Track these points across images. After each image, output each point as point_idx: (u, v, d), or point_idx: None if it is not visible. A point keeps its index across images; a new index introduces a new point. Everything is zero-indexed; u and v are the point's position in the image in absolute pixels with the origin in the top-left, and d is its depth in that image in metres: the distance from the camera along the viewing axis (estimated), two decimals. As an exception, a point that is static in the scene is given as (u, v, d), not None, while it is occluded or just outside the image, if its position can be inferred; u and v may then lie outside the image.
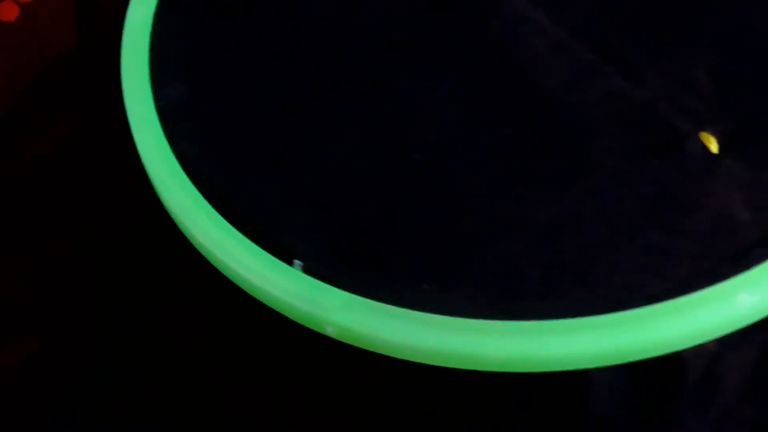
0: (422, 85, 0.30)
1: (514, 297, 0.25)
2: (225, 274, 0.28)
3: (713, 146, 0.27)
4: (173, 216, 0.29)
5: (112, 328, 0.30)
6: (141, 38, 0.33)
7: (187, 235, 0.28)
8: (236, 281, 0.27)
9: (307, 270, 0.26)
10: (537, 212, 0.26)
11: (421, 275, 0.26)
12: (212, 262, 0.28)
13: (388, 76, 0.30)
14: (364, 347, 0.26)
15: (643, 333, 0.24)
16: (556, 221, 0.26)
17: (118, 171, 0.31)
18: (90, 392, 0.30)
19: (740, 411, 0.26)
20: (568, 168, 0.27)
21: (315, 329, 0.26)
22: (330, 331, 0.26)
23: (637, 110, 0.28)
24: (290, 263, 0.27)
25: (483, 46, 0.31)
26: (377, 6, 0.32)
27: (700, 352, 0.26)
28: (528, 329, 0.24)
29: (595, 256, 0.26)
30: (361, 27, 0.32)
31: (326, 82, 0.31)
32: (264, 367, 0.29)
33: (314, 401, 0.28)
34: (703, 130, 0.28)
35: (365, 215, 0.27)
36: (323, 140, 0.29)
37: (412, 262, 0.26)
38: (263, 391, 0.28)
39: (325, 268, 0.26)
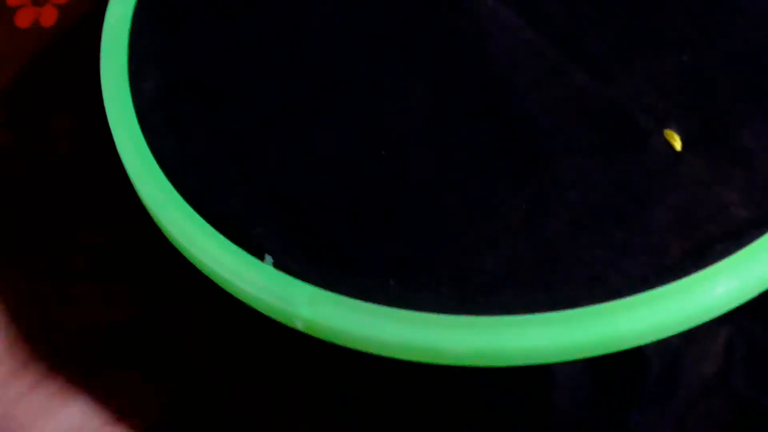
0: (390, 82, 0.30)
1: (477, 291, 0.26)
2: (199, 268, 0.28)
3: (677, 143, 0.28)
4: (148, 210, 0.29)
5: (106, 326, 0.31)
6: (120, 35, 0.33)
7: (162, 229, 0.29)
8: (210, 276, 0.28)
9: (277, 265, 0.27)
10: (500, 208, 0.27)
11: (387, 270, 0.26)
12: (185, 255, 0.28)
13: (359, 72, 0.31)
14: (331, 341, 0.26)
15: (603, 328, 0.25)
16: (519, 216, 0.27)
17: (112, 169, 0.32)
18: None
19: (702, 405, 0.27)
20: (533, 164, 0.28)
21: (286, 324, 0.27)
22: (299, 326, 0.26)
23: (602, 107, 0.28)
24: (261, 258, 0.27)
25: (452, 44, 0.31)
26: (356, 7, 0.33)
27: (662, 346, 0.26)
28: (490, 324, 0.25)
29: (557, 251, 0.26)
30: (337, 24, 0.32)
31: (299, 79, 0.31)
32: (249, 364, 0.29)
33: (295, 398, 0.28)
34: (668, 127, 0.28)
35: (334, 210, 0.28)
36: (295, 136, 0.30)
37: (379, 257, 0.27)
38: (248, 389, 0.29)
39: (294, 263, 0.27)
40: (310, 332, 0.26)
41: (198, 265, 0.28)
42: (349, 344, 0.26)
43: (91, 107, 0.32)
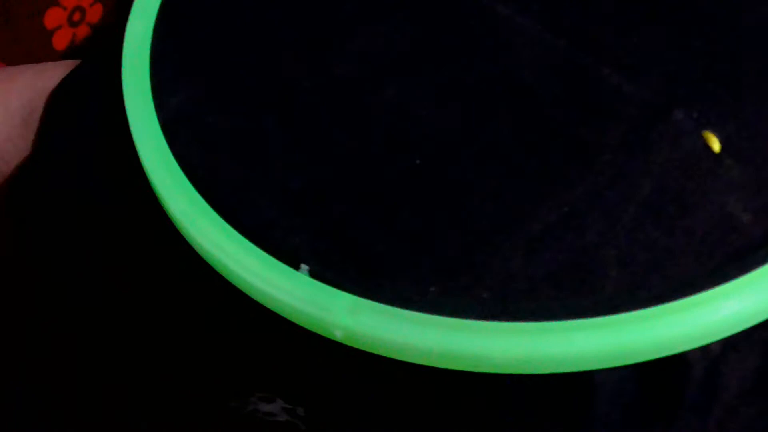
0: (425, 94, 0.30)
1: (519, 297, 0.25)
2: (230, 280, 0.28)
3: (715, 145, 0.28)
4: (177, 224, 0.29)
5: (119, 336, 0.30)
6: (141, 50, 0.33)
7: (191, 242, 0.29)
8: (242, 288, 0.27)
9: (314, 274, 0.26)
10: (539, 211, 0.27)
11: (427, 277, 0.26)
12: (217, 269, 0.28)
13: (388, 82, 0.31)
14: (371, 350, 0.26)
15: (647, 333, 0.24)
16: (557, 220, 0.26)
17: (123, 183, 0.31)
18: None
19: (743, 410, 0.27)
20: (569, 167, 0.27)
21: (323, 334, 0.26)
22: (338, 335, 0.26)
23: (639, 109, 0.28)
24: (297, 268, 0.27)
25: (477, 50, 0.31)
26: (375, 18, 0.33)
27: (703, 352, 0.26)
28: (532, 330, 0.25)
29: (598, 254, 0.26)
30: (362, 34, 0.32)
31: (327, 89, 0.31)
32: (275, 373, 0.29)
33: (325, 405, 0.28)
34: (707, 128, 0.28)
35: (371, 219, 0.27)
36: (327, 146, 0.29)
37: (418, 264, 0.26)
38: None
39: (331, 272, 0.26)
40: (349, 342, 0.26)
41: (231, 279, 0.28)
42: (390, 353, 0.26)
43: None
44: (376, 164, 0.29)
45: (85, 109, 0.35)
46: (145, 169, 0.30)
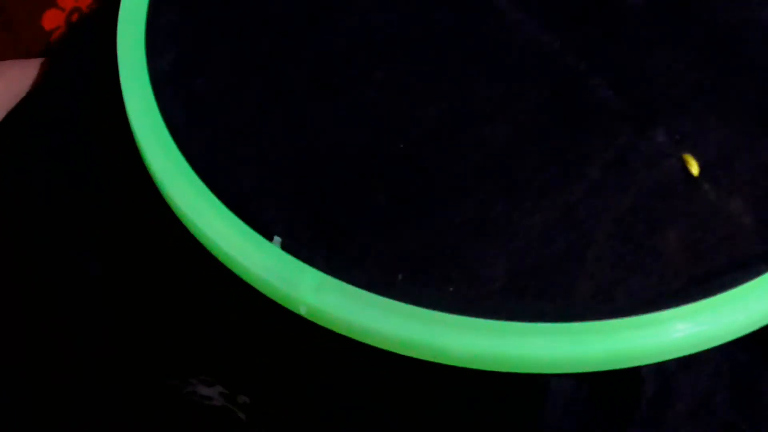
0: (415, 79, 0.30)
1: (483, 295, 0.26)
2: (203, 243, 0.28)
3: (694, 168, 0.28)
4: (157, 182, 0.29)
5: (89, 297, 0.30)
6: (138, 8, 0.33)
7: (169, 201, 0.29)
8: (214, 252, 0.28)
9: (286, 247, 0.27)
10: (512, 214, 0.27)
11: (396, 264, 0.26)
12: (192, 232, 0.28)
13: (378, 65, 0.31)
14: (333, 329, 0.26)
15: (603, 344, 0.25)
16: (530, 225, 0.27)
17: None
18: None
19: (688, 429, 0.27)
20: (547, 174, 0.28)
21: (290, 308, 0.26)
22: (302, 311, 0.26)
23: (623, 125, 0.29)
24: (270, 239, 0.27)
25: (471, 42, 0.31)
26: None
27: (658, 368, 0.26)
28: (492, 328, 0.25)
29: (566, 264, 0.26)
30: (361, 10, 0.32)
31: (319, 63, 0.31)
32: (243, 343, 0.29)
33: (287, 382, 0.28)
34: (687, 151, 0.28)
35: (349, 198, 0.28)
36: (312, 120, 0.30)
37: (390, 250, 0.27)
38: (239, 368, 0.29)
39: (303, 247, 0.27)
40: (312, 319, 0.26)
41: (204, 241, 0.28)
42: (351, 334, 0.26)
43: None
44: (360, 144, 0.29)
45: (79, 66, 0.35)
46: (131, 125, 0.30)
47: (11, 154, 0.34)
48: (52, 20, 0.38)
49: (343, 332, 0.26)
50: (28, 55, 0.37)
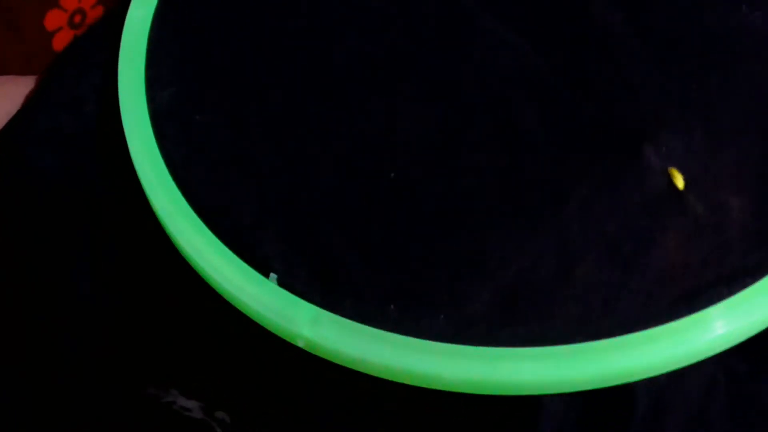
0: (406, 108, 0.31)
1: (473, 322, 0.26)
2: (204, 278, 0.29)
3: (679, 182, 0.28)
4: (160, 220, 0.30)
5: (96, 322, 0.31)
6: (139, 40, 0.34)
7: (172, 238, 0.30)
8: (214, 287, 0.29)
9: (282, 283, 0.28)
10: (500, 240, 0.27)
11: (388, 296, 0.27)
12: (192, 266, 0.29)
13: (375, 95, 0.31)
14: (331, 360, 0.27)
15: (593, 366, 0.25)
16: (518, 249, 0.27)
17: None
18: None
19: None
20: (536, 197, 0.28)
21: (288, 340, 0.27)
22: (300, 344, 0.27)
23: (609, 143, 0.29)
24: (267, 276, 0.28)
25: (462, 66, 0.32)
26: (367, 24, 0.33)
27: (649, 383, 0.27)
28: (483, 354, 0.26)
29: (553, 287, 0.27)
30: (351, 44, 0.33)
31: (315, 97, 0.32)
32: (247, 374, 0.30)
33: (288, 410, 0.29)
34: (673, 166, 0.28)
35: (341, 233, 0.28)
36: (307, 155, 0.30)
37: (382, 282, 0.27)
38: (243, 397, 0.30)
39: (298, 283, 0.28)
40: (310, 350, 0.27)
41: (204, 277, 0.29)
42: (347, 364, 0.27)
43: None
44: (352, 177, 0.29)
45: (78, 84, 0.36)
46: (133, 161, 0.31)
47: (4, 171, 0.35)
48: (55, 21, 0.38)
49: (340, 362, 0.27)
50: (29, 55, 0.38)
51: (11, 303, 0.32)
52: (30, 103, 0.36)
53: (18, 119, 0.35)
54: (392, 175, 0.29)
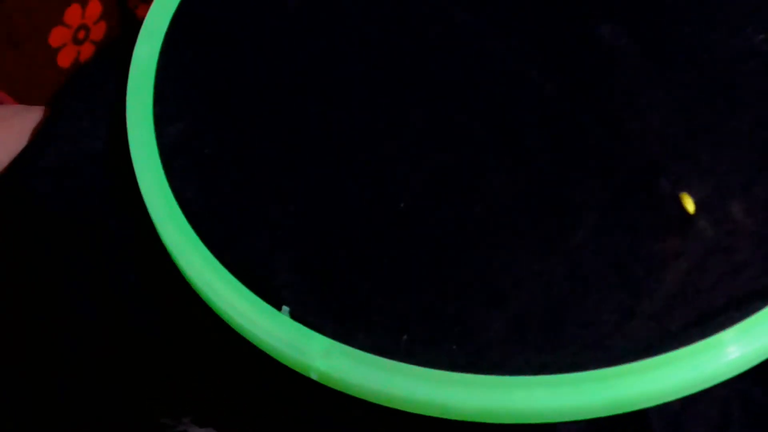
0: (416, 136, 0.31)
1: (486, 351, 0.26)
2: (216, 312, 0.29)
3: (690, 206, 0.28)
4: (171, 254, 0.30)
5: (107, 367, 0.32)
6: (146, 75, 0.34)
7: (182, 272, 0.30)
8: (227, 320, 0.29)
9: (295, 315, 0.28)
10: (511, 267, 0.28)
11: (401, 326, 0.27)
12: (203, 299, 0.29)
13: (384, 124, 0.32)
14: (344, 391, 0.27)
15: (607, 392, 0.25)
16: (529, 276, 0.27)
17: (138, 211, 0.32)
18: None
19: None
20: (547, 222, 0.28)
21: (301, 372, 0.28)
22: (314, 376, 0.27)
23: (618, 165, 0.29)
24: (279, 308, 0.28)
25: (470, 95, 0.32)
26: (375, 53, 0.33)
27: (663, 408, 0.27)
28: (496, 383, 0.26)
29: (565, 312, 0.27)
30: (360, 73, 0.33)
31: (323, 128, 0.32)
32: (261, 407, 0.30)
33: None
34: (683, 189, 0.29)
35: (351, 264, 0.28)
36: (317, 188, 0.30)
37: (393, 312, 0.27)
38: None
39: (310, 315, 0.28)
40: (324, 383, 0.27)
41: (217, 311, 0.29)
42: (362, 396, 0.27)
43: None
44: (363, 211, 0.30)
45: (88, 118, 0.36)
46: (143, 196, 0.32)
47: (13, 202, 0.35)
48: (59, 38, 0.38)
49: (353, 394, 0.27)
50: (34, 71, 0.38)
51: (15, 336, 0.32)
52: (37, 137, 0.36)
53: (26, 153, 0.35)
54: (402, 204, 0.29)
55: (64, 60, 0.39)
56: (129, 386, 0.31)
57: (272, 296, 0.28)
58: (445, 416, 0.26)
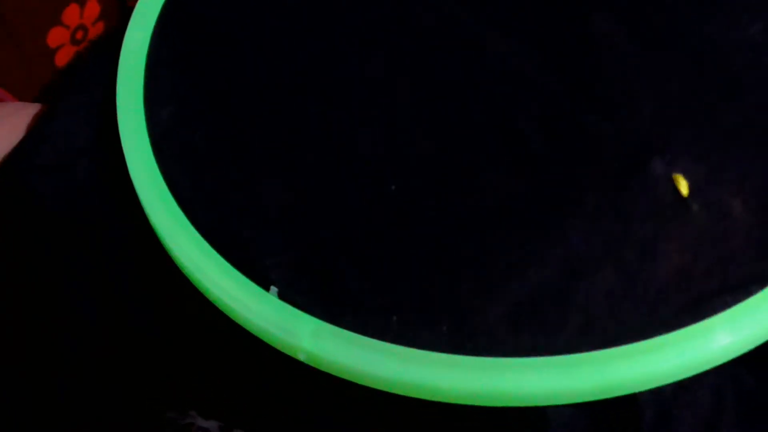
0: (408, 122, 0.31)
1: (476, 333, 0.26)
2: (204, 294, 0.29)
3: (684, 188, 0.28)
4: (159, 236, 0.30)
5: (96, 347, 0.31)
6: (137, 60, 0.34)
7: (171, 255, 0.30)
8: (215, 302, 0.28)
9: (283, 296, 0.27)
10: (503, 250, 0.27)
11: (390, 307, 0.27)
12: (191, 281, 0.29)
13: (375, 108, 0.31)
14: (333, 373, 0.27)
15: (597, 375, 0.25)
16: (522, 259, 0.27)
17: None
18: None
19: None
20: (540, 206, 0.28)
21: (289, 354, 0.27)
22: (302, 357, 0.27)
23: (613, 151, 0.29)
24: (267, 288, 0.28)
25: (465, 84, 0.32)
26: (363, 36, 0.33)
27: (655, 393, 0.27)
28: (486, 365, 0.25)
29: (556, 296, 0.26)
30: (351, 64, 0.33)
31: (314, 111, 0.32)
32: (248, 388, 0.30)
33: (291, 424, 0.29)
34: (676, 171, 0.28)
35: (341, 246, 0.28)
36: (306, 169, 0.30)
37: (383, 294, 0.27)
38: (244, 412, 0.29)
39: (299, 296, 0.27)
40: (312, 364, 0.27)
41: (204, 292, 0.29)
42: (349, 377, 0.26)
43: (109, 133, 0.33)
44: (353, 192, 0.29)
45: (82, 112, 0.36)
46: (131, 179, 0.31)
47: (9, 198, 0.35)
48: (57, 38, 0.38)
49: (342, 376, 0.26)
50: (32, 71, 0.38)
51: (15, 336, 0.32)
52: (32, 133, 0.36)
53: (20, 149, 0.35)
54: (393, 187, 0.29)
55: (62, 60, 0.38)
56: (129, 384, 0.31)
57: (260, 276, 0.28)
58: (434, 398, 0.26)
